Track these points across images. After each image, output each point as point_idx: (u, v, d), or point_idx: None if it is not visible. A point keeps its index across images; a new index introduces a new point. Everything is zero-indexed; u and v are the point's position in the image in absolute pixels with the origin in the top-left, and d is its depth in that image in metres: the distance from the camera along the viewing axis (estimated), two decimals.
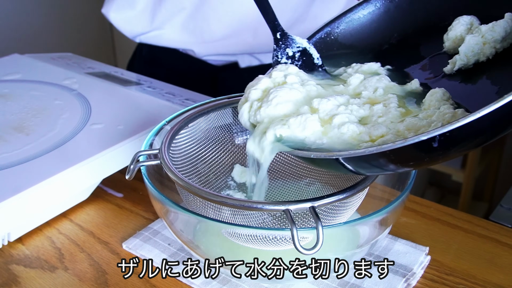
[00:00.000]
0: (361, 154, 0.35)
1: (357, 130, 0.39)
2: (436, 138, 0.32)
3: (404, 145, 0.33)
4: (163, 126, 0.54)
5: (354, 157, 0.36)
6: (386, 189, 0.53)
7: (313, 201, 0.39)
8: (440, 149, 0.34)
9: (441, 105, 0.40)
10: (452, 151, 0.35)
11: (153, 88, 0.76)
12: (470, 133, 0.33)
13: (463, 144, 0.35)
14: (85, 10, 2.00)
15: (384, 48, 0.51)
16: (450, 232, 0.55)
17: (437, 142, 0.33)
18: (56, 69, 0.81)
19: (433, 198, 1.77)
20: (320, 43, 0.52)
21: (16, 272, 0.51)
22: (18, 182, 0.53)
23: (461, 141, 0.34)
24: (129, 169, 0.46)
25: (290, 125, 0.40)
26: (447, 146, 0.34)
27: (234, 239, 0.44)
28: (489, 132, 0.35)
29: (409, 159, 0.36)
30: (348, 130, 0.39)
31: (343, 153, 0.37)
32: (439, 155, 0.35)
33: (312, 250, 0.37)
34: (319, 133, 0.40)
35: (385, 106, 0.42)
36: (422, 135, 0.33)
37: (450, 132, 0.32)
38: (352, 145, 0.38)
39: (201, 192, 0.42)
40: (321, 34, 0.52)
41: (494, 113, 0.31)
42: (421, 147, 0.34)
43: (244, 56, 0.87)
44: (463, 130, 0.32)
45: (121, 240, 0.55)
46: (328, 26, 0.52)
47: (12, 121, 0.65)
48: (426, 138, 0.32)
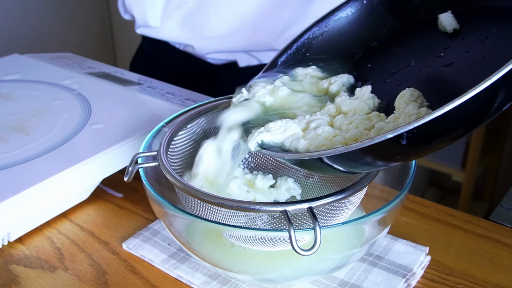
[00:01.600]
0: (331, 153, 0.36)
1: (332, 132, 0.41)
2: (404, 135, 0.33)
3: (369, 144, 0.34)
4: (162, 128, 0.54)
5: (331, 156, 0.37)
6: (385, 189, 0.53)
7: (311, 201, 0.39)
8: (410, 146, 0.35)
9: (409, 105, 0.41)
10: (423, 148, 0.36)
11: (153, 88, 0.76)
12: (432, 130, 0.34)
13: (432, 140, 0.36)
14: (85, 10, 2.00)
15: (359, 55, 0.51)
16: (450, 232, 0.55)
17: (405, 139, 0.34)
18: (56, 69, 0.82)
19: (433, 198, 1.77)
20: (309, 43, 0.52)
21: (16, 272, 0.51)
22: (18, 182, 0.53)
23: (428, 137, 0.35)
24: (127, 171, 0.46)
25: (270, 129, 0.42)
26: (416, 143, 0.35)
27: (233, 240, 0.44)
28: (454, 127, 0.35)
29: (380, 156, 0.37)
30: (323, 131, 0.41)
31: (314, 153, 0.38)
32: (410, 151, 0.36)
33: (310, 251, 0.37)
34: (299, 136, 0.42)
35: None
36: (379, 136, 0.34)
37: (409, 132, 0.33)
38: (328, 147, 0.40)
39: (199, 194, 0.42)
40: (310, 34, 0.52)
41: (453, 111, 0.32)
42: (389, 144, 0.34)
43: (243, 55, 0.88)
44: (423, 128, 0.33)
45: (121, 240, 0.55)
46: (316, 26, 0.52)
47: (12, 121, 0.65)
48: (388, 137, 0.33)
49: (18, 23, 1.77)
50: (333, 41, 0.52)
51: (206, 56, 0.89)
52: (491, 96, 0.33)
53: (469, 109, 0.33)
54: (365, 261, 0.50)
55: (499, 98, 0.34)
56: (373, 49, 0.50)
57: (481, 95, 0.32)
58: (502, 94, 0.33)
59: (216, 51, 0.87)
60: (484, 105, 0.34)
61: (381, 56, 0.49)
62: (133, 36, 1.14)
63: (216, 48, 0.86)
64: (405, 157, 0.38)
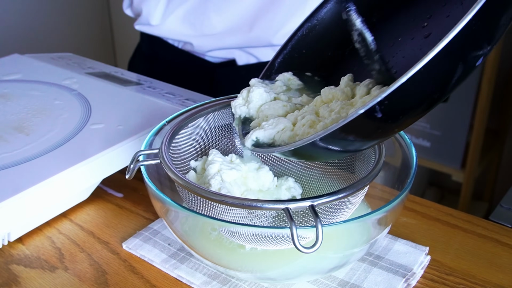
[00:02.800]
0: (313, 139, 0.37)
1: (316, 120, 0.43)
2: (376, 108, 0.34)
3: (346, 122, 0.35)
4: (163, 126, 0.54)
5: (316, 140, 0.38)
6: (386, 189, 0.53)
7: (313, 199, 0.40)
8: (387, 118, 0.36)
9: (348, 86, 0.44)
10: (400, 117, 0.37)
11: (153, 88, 0.76)
12: (400, 98, 0.35)
13: (404, 109, 0.36)
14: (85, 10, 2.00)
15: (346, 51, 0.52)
16: (450, 232, 0.55)
17: (378, 112, 0.35)
18: (56, 69, 0.82)
19: (433, 198, 1.77)
20: (302, 40, 0.52)
21: (16, 272, 0.51)
22: (18, 182, 0.53)
23: (400, 107, 0.36)
24: (129, 169, 0.46)
25: (263, 126, 0.45)
26: (391, 114, 0.36)
27: (234, 238, 0.44)
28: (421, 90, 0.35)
29: (361, 132, 0.38)
30: (307, 120, 0.43)
31: (298, 142, 0.39)
32: (389, 123, 0.37)
33: (311, 248, 0.37)
34: (289, 129, 0.44)
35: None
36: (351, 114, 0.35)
37: (380, 103, 0.34)
38: (312, 134, 0.41)
39: (201, 191, 0.42)
40: (303, 31, 0.52)
41: (415, 76, 0.33)
42: (364, 120, 0.35)
43: (242, 53, 0.88)
44: (392, 97, 0.34)
45: (121, 240, 0.55)
46: (308, 22, 0.52)
47: (12, 121, 0.65)
48: (363, 111, 0.35)
49: (18, 23, 1.77)
50: (326, 33, 0.52)
51: (205, 54, 0.89)
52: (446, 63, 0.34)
53: (423, 80, 0.34)
54: (365, 261, 0.50)
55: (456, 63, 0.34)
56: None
57: (433, 63, 0.32)
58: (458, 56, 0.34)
59: (215, 48, 0.87)
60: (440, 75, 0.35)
61: (375, 40, 0.49)
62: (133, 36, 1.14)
63: (215, 45, 0.87)
64: (385, 130, 0.39)
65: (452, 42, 0.32)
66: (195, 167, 0.52)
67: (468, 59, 0.35)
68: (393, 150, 0.51)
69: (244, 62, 0.88)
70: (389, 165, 0.51)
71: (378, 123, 0.36)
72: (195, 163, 0.52)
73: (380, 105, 0.34)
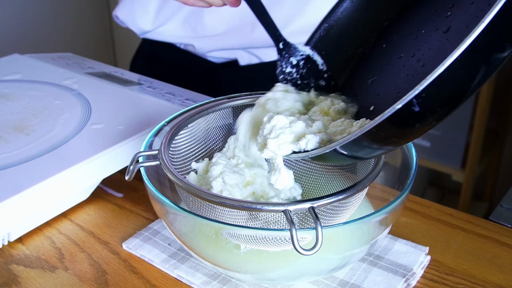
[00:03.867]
0: (354, 136, 0.37)
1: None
2: (413, 101, 0.33)
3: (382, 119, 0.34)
4: (163, 127, 0.54)
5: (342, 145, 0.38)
6: (386, 189, 0.53)
7: (313, 201, 0.40)
8: (423, 111, 0.35)
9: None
10: (437, 110, 0.36)
11: (153, 88, 0.76)
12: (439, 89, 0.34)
13: (442, 101, 0.35)
14: (85, 10, 2.00)
15: (373, 39, 0.51)
16: (450, 232, 0.55)
17: (416, 106, 0.34)
18: (56, 69, 0.82)
19: (433, 198, 1.77)
20: (321, 42, 0.52)
21: (16, 272, 0.51)
22: (18, 182, 0.53)
23: (437, 98, 0.35)
24: (128, 170, 0.46)
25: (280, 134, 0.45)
26: (428, 106, 0.35)
27: (234, 240, 0.44)
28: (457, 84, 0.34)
29: (401, 127, 0.37)
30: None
31: (339, 141, 0.38)
32: (425, 116, 0.36)
33: (311, 250, 0.37)
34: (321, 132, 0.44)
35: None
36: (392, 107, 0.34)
37: (417, 96, 0.33)
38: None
39: (200, 193, 0.42)
40: (320, 33, 0.52)
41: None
42: (400, 116, 0.35)
43: (244, 54, 0.88)
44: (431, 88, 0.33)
45: (121, 240, 0.55)
46: (325, 23, 0.52)
47: (12, 121, 0.65)
48: (401, 105, 0.34)
49: (18, 23, 1.77)
50: (344, 32, 0.51)
51: (206, 54, 0.89)
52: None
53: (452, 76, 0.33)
54: (365, 261, 0.50)
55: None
56: (387, 28, 0.49)
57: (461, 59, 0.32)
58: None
59: (216, 49, 0.87)
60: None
61: (396, 34, 0.48)
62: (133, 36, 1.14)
63: (216, 46, 0.87)
64: (422, 123, 0.37)
65: (491, 23, 0.31)
66: (196, 168, 0.52)
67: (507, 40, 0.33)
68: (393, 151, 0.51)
69: (247, 62, 0.88)
70: (389, 165, 0.51)
71: (416, 117, 0.35)
72: (197, 165, 0.52)
73: (417, 98, 0.33)
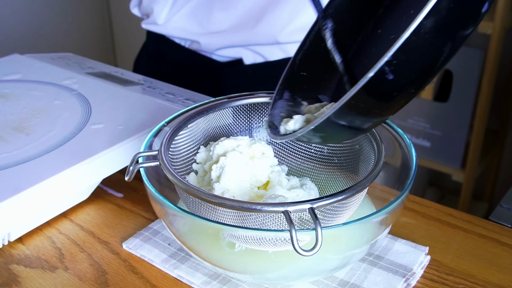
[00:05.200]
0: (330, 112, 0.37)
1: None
2: (385, 69, 0.34)
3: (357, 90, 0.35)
4: (162, 127, 0.54)
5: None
6: (386, 189, 0.53)
7: (312, 202, 0.40)
8: (396, 78, 0.35)
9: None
10: (411, 77, 0.36)
11: (153, 88, 0.76)
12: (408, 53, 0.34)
13: (415, 67, 0.36)
14: (86, 10, 2.00)
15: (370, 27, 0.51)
16: (450, 232, 0.55)
17: (389, 73, 0.34)
18: (56, 69, 0.82)
19: (433, 198, 1.77)
20: (317, 41, 0.52)
21: (16, 272, 0.51)
22: (18, 182, 0.53)
23: (410, 65, 0.35)
24: (128, 170, 0.46)
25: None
26: (402, 74, 0.35)
27: (233, 240, 0.44)
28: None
29: (378, 96, 0.37)
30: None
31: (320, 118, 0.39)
32: (403, 86, 0.36)
33: (311, 251, 0.37)
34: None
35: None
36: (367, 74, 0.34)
37: (388, 63, 0.33)
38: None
39: (200, 194, 0.42)
40: (316, 30, 0.51)
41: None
42: (374, 85, 0.35)
43: (248, 53, 0.88)
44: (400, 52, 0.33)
45: (121, 240, 0.55)
46: (318, 23, 0.51)
47: (12, 121, 0.65)
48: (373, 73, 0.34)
49: (18, 23, 1.77)
50: (343, 22, 0.51)
51: (212, 52, 0.89)
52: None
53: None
54: (365, 261, 0.50)
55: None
56: (383, 14, 0.49)
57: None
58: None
59: (222, 46, 0.87)
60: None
61: (390, 19, 0.48)
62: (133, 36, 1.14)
63: (222, 43, 0.87)
64: (399, 91, 0.38)
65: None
66: (197, 169, 0.52)
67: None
68: (393, 150, 0.51)
69: (251, 62, 0.88)
70: (389, 165, 0.51)
71: (392, 86, 0.36)
72: (197, 166, 0.52)
73: (389, 65, 0.34)
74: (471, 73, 1.45)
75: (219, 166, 0.48)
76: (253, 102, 0.56)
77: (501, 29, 1.34)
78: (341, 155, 0.54)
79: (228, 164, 0.48)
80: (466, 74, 1.47)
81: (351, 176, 0.53)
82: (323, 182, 0.55)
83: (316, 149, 0.55)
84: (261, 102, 0.56)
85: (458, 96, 1.49)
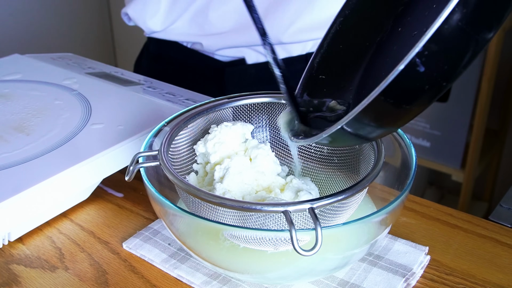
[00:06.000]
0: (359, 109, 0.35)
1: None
2: (417, 61, 0.32)
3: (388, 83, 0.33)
4: (163, 127, 0.54)
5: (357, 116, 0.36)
6: (386, 189, 0.53)
7: (312, 202, 0.40)
8: (429, 70, 0.33)
9: None
10: (444, 68, 0.34)
11: (153, 88, 0.76)
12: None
13: (448, 58, 0.34)
14: (85, 10, 2.00)
15: (390, 25, 0.50)
16: (450, 232, 0.55)
17: (420, 66, 0.33)
18: (56, 69, 0.82)
19: (433, 198, 1.77)
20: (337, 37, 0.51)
21: (17, 272, 0.51)
22: (18, 182, 0.53)
23: (442, 56, 0.34)
24: (128, 170, 0.46)
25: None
26: (435, 65, 0.34)
27: (233, 240, 0.44)
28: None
29: (410, 90, 0.36)
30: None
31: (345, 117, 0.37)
32: (435, 79, 0.35)
33: (311, 251, 0.37)
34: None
35: None
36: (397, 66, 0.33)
37: (419, 55, 0.32)
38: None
39: (200, 194, 0.42)
40: (336, 27, 0.51)
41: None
42: (408, 79, 0.33)
43: (251, 52, 0.88)
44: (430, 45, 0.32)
45: (121, 240, 0.55)
46: (340, 17, 0.51)
47: (12, 121, 0.65)
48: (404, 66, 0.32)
49: (18, 23, 1.77)
50: (360, 23, 0.50)
51: (214, 53, 0.89)
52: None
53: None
54: (364, 261, 0.50)
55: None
56: (402, 13, 0.48)
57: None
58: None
59: (224, 47, 0.87)
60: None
61: (410, 16, 0.47)
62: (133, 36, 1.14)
63: (224, 44, 0.86)
64: (431, 84, 0.36)
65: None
66: (197, 170, 0.52)
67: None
68: (392, 150, 0.51)
69: (254, 61, 0.88)
70: (389, 165, 0.52)
71: (424, 78, 0.34)
72: (197, 166, 0.52)
73: (420, 57, 0.32)
74: (471, 73, 1.45)
75: (223, 167, 0.48)
76: (254, 102, 0.56)
77: (501, 29, 1.34)
78: (341, 155, 0.54)
79: (233, 165, 0.48)
80: (466, 74, 1.46)
81: (351, 176, 0.53)
82: (323, 182, 0.55)
83: (316, 149, 0.55)
84: (262, 102, 0.56)
85: (458, 96, 1.49)
